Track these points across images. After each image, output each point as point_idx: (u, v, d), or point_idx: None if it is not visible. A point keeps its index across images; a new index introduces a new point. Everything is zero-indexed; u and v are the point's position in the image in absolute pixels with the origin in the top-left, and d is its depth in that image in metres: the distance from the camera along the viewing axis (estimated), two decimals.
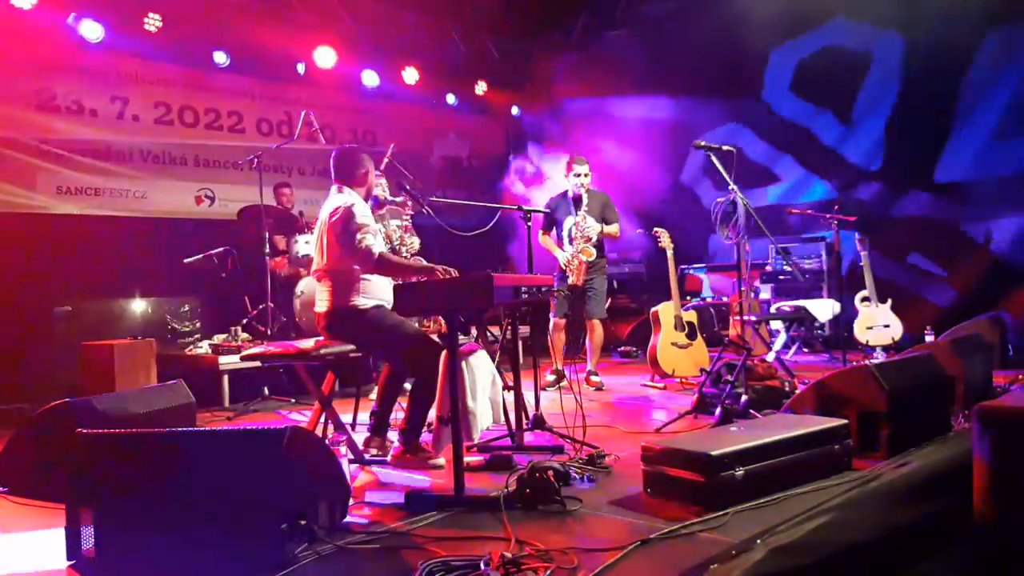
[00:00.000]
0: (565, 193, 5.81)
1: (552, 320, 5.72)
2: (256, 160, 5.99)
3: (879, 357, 6.03)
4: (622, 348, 7.91)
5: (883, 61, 7.49)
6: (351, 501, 2.82)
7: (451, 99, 9.64)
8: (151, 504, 2.31)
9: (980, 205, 6.98)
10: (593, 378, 5.75)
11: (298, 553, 2.35)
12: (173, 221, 7.50)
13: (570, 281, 5.51)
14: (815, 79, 7.92)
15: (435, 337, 3.85)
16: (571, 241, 5.63)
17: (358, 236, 3.56)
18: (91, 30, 6.77)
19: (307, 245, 6.15)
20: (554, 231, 5.82)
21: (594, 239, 5.56)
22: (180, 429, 2.61)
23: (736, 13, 7.48)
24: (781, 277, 7.68)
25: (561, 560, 2.24)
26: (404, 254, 5.20)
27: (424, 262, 5.12)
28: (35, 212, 6.74)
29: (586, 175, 5.63)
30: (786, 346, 6.86)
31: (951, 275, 7.15)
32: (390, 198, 5.00)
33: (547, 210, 5.63)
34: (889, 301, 6.29)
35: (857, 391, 3.38)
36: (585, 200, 5.56)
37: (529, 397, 4.07)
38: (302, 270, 6.22)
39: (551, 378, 5.66)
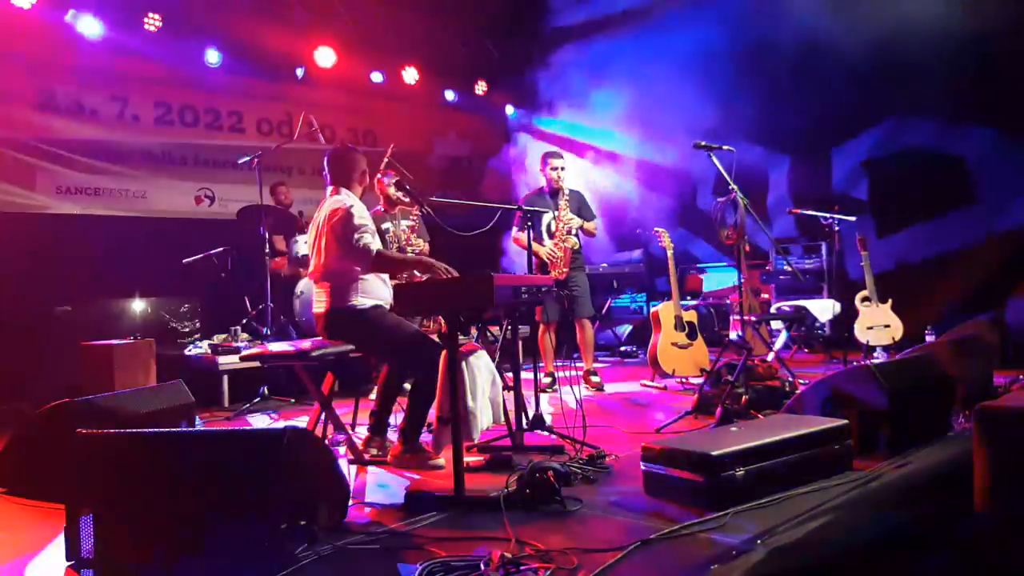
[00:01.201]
0: (541, 189, 5.81)
1: (541, 325, 5.68)
2: (256, 160, 5.99)
3: (880, 357, 6.03)
4: (622, 348, 7.90)
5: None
6: (351, 501, 2.82)
7: (451, 98, 9.64)
8: (151, 504, 2.30)
9: None
10: (593, 378, 5.74)
11: (298, 553, 2.34)
12: (173, 221, 7.50)
13: (553, 275, 5.44)
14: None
15: (435, 337, 3.85)
16: (551, 235, 5.60)
17: (355, 236, 3.57)
18: (90, 26, 6.76)
19: (306, 245, 6.14)
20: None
21: (575, 231, 5.58)
22: (179, 429, 2.61)
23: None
24: (781, 277, 7.68)
25: (561, 560, 2.24)
26: (410, 254, 5.20)
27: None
28: (35, 212, 6.74)
29: (562, 169, 5.65)
30: (786, 346, 6.86)
31: None
32: (402, 198, 4.99)
33: (546, 210, 5.62)
34: (890, 301, 6.28)
35: (857, 391, 3.38)
36: (564, 193, 5.58)
37: (529, 397, 4.07)
38: (302, 270, 6.21)
39: (546, 380, 5.65)
